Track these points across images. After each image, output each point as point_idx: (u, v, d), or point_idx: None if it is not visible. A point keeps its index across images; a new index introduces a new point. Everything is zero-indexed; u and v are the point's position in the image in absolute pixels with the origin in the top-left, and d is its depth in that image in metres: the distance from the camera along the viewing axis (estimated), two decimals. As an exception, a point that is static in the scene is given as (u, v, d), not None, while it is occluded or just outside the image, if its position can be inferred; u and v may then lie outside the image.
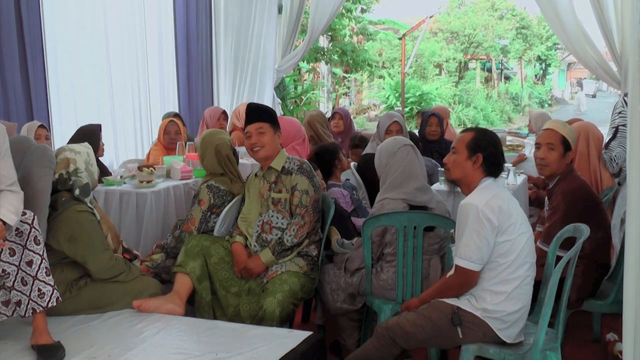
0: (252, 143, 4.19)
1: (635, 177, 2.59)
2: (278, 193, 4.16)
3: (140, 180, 5.18)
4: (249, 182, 4.38)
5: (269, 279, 3.97)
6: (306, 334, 3.41)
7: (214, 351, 3.19)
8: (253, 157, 4.28)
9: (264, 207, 4.20)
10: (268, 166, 4.23)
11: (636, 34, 2.43)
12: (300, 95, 14.42)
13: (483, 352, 3.27)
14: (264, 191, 4.21)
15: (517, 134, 9.91)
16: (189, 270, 3.97)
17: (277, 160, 4.22)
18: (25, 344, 3.24)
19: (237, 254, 4.14)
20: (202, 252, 4.06)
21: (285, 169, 4.20)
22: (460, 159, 3.40)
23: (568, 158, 4.19)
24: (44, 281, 3.19)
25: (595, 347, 4.48)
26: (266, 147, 4.18)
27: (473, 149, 3.37)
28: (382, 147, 4.18)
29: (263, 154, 4.19)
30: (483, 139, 3.41)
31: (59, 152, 3.80)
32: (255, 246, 4.17)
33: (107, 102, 7.26)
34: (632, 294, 2.60)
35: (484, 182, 3.35)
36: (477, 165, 3.37)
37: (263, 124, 4.20)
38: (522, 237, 3.24)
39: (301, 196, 4.11)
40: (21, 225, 3.14)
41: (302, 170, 4.18)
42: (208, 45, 9.11)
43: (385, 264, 3.95)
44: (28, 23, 6.16)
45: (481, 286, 3.25)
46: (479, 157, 3.36)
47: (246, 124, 4.25)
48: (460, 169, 3.40)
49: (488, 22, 33.76)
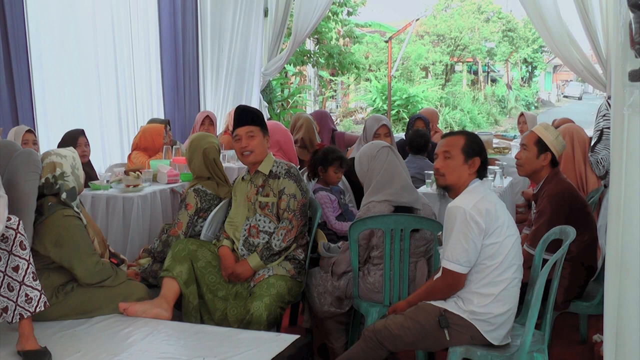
0: (242, 147, 4.17)
1: (616, 180, 2.62)
2: (265, 197, 4.15)
3: (126, 185, 5.17)
4: (235, 186, 4.37)
5: (256, 283, 3.97)
6: (293, 338, 3.41)
7: (201, 355, 3.19)
8: (242, 160, 4.26)
9: (251, 211, 4.19)
10: (255, 170, 4.22)
11: (620, 37, 2.45)
12: (287, 98, 14.42)
13: (470, 354, 3.28)
14: (251, 195, 4.20)
15: (504, 137, 9.95)
16: (176, 274, 3.96)
17: (265, 164, 4.21)
18: (11, 350, 3.22)
19: (224, 258, 4.12)
20: (189, 256, 4.05)
21: (272, 173, 4.19)
22: (456, 164, 3.38)
23: (545, 159, 4.21)
24: (31, 286, 3.17)
25: (581, 348, 4.50)
26: (256, 151, 4.17)
27: (469, 153, 3.38)
28: (362, 153, 4.18)
29: (253, 158, 4.18)
30: (476, 142, 3.43)
31: (45, 156, 3.80)
32: (242, 250, 4.16)
33: (92, 106, 7.22)
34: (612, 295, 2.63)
35: (472, 184, 3.37)
36: (473, 169, 3.38)
37: (253, 127, 4.18)
38: (509, 239, 3.25)
39: (289, 200, 4.11)
40: (6, 231, 3.11)
41: (290, 175, 4.17)
42: (194, 48, 9.08)
43: (372, 266, 3.96)
44: (12, 27, 6.11)
45: (468, 288, 3.26)
46: (475, 161, 3.38)
47: (235, 127, 4.23)
48: (457, 174, 3.39)
49: (474, 25, 33.88)
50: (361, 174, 4.16)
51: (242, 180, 4.33)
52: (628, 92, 2.37)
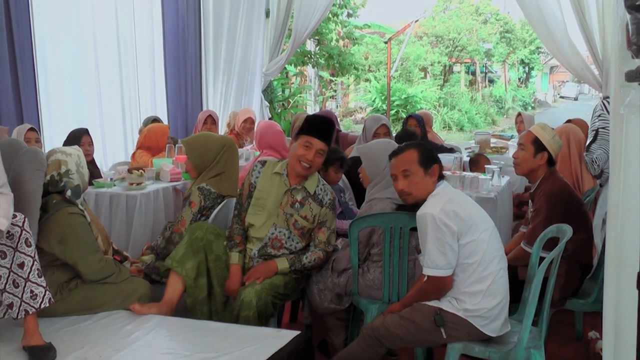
0: (308, 159, 3.95)
1: (615, 180, 2.61)
2: (304, 220, 4.02)
3: (130, 183, 5.18)
4: (262, 178, 4.10)
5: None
6: (294, 334, 3.41)
7: (203, 351, 3.19)
8: (294, 165, 4.00)
9: (281, 219, 4.03)
10: (299, 182, 4.06)
11: (617, 38, 2.45)
12: (288, 98, 14.40)
13: (468, 350, 3.29)
14: (285, 205, 4.03)
15: (501, 136, 9.95)
16: (185, 273, 3.87)
17: (311, 181, 4.08)
18: (17, 346, 3.22)
19: (232, 277, 3.98)
20: (204, 247, 3.95)
21: (316, 195, 4.05)
22: (418, 179, 3.42)
23: (542, 158, 4.21)
24: (35, 282, 3.17)
25: (577, 345, 4.51)
26: (313, 168, 4.02)
27: (426, 164, 3.41)
28: (378, 149, 4.10)
29: (305, 172, 4.00)
30: (427, 149, 3.47)
31: (50, 154, 3.79)
32: (255, 256, 4.04)
33: (96, 105, 7.24)
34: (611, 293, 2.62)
35: (438, 186, 3.40)
36: (434, 177, 3.42)
37: (326, 147, 4.03)
38: (485, 234, 3.27)
39: (329, 234, 4.05)
40: (12, 228, 3.11)
41: (333, 207, 4.07)
42: (197, 49, 9.09)
43: (372, 264, 3.95)
44: (17, 27, 6.13)
45: (458, 290, 3.27)
46: (435, 169, 3.42)
47: (312, 134, 3.98)
48: (423, 188, 3.43)
49: (472, 26, 33.87)
50: (376, 170, 4.05)
51: (273, 174, 4.10)
52: (624, 92, 2.37)
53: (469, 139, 16.98)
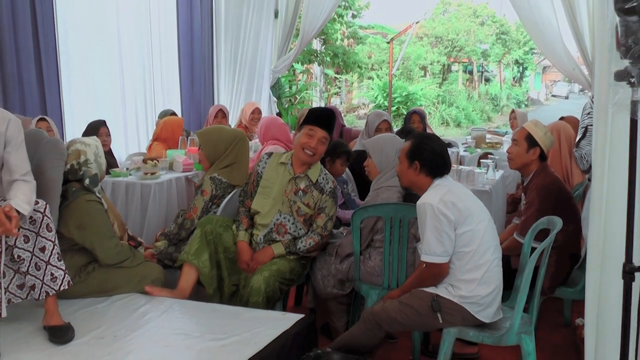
0: (312, 147, 4.01)
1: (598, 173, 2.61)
2: (306, 206, 4.04)
3: (144, 172, 5.18)
4: (269, 167, 4.16)
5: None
6: (298, 317, 3.42)
7: (213, 332, 3.20)
8: (299, 154, 4.05)
9: (285, 206, 4.06)
10: (303, 170, 4.09)
11: (607, 39, 2.44)
12: (295, 94, 14.38)
13: (463, 335, 3.29)
14: (289, 192, 4.06)
15: (496, 132, 9.93)
16: (202, 264, 3.86)
17: (314, 170, 4.10)
18: (38, 325, 3.23)
19: (242, 252, 4.00)
20: (214, 240, 3.95)
21: (318, 184, 4.08)
22: (403, 169, 3.50)
23: (534, 153, 4.20)
24: (56, 266, 3.18)
25: (565, 331, 4.51)
26: (316, 156, 4.06)
27: (411, 158, 3.44)
28: (387, 143, 4.10)
29: (309, 160, 4.04)
30: (418, 146, 3.45)
31: (70, 144, 3.79)
32: (260, 241, 4.05)
33: (116, 98, 7.27)
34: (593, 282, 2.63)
35: (435, 182, 3.40)
36: (417, 171, 3.43)
37: (328, 136, 4.07)
38: (481, 224, 3.28)
39: (327, 221, 4.05)
40: (34, 214, 3.12)
41: (334, 195, 4.09)
42: (209, 47, 9.09)
43: (374, 250, 3.94)
44: (42, 22, 6.13)
45: (454, 277, 3.28)
46: (416, 165, 3.41)
47: (315, 123, 4.04)
48: (407, 177, 3.50)
49: (470, 28, 33.81)
50: (386, 161, 4.03)
51: (279, 164, 4.15)
52: (613, 90, 2.36)
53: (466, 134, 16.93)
